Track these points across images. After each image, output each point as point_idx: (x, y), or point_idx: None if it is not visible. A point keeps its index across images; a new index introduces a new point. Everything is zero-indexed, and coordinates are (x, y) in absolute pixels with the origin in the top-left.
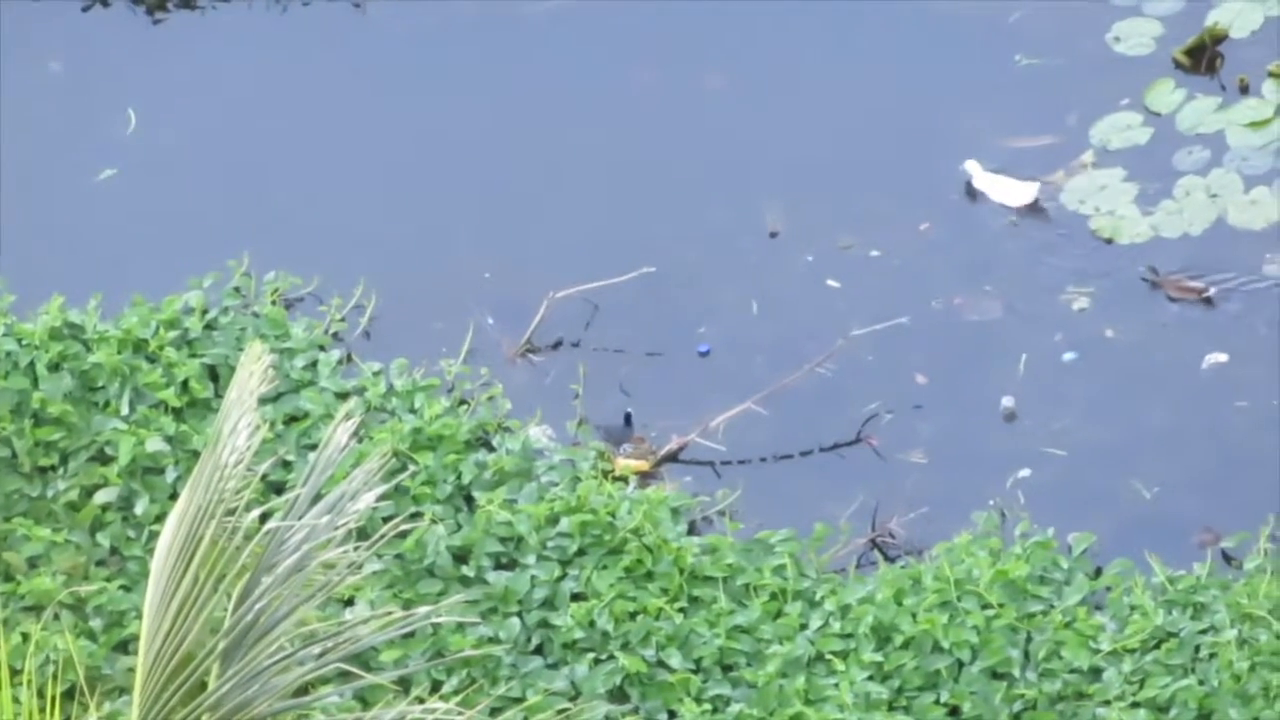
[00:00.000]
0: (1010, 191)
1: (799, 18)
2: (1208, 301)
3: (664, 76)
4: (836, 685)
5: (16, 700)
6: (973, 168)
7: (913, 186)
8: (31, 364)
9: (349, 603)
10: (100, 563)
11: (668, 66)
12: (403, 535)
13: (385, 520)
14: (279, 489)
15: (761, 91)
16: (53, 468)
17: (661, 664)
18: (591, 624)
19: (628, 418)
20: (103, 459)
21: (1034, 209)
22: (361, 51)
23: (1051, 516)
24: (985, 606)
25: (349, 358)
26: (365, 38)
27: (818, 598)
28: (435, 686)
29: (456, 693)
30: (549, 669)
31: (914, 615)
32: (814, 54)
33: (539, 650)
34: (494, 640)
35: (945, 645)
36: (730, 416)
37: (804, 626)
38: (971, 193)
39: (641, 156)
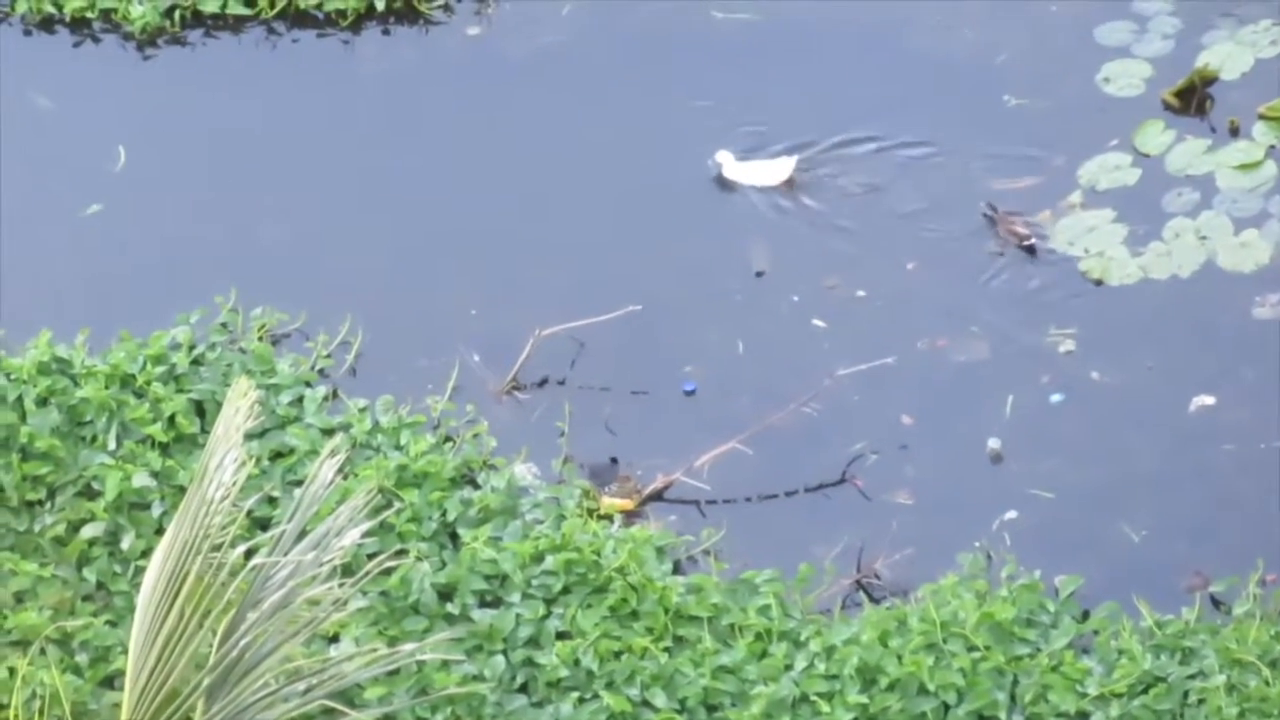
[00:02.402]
0: (764, 173)
1: (782, 58)
2: (1029, 250)
3: (650, 116)
4: None
5: None
6: (724, 158)
7: (897, 226)
8: (19, 399)
9: (334, 639)
10: (86, 598)
11: (653, 106)
12: (388, 572)
13: (370, 557)
14: (264, 525)
15: (746, 130)
16: (40, 502)
17: (646, 703)
18: (576, 662)
19: (613, 461)
20: (89, 494)
21: (790, 185)
22: (349, 89)
23: (1038, 559)
24: (971, 649)
25: (335, 394)
26: (353, 75)
27: (803, 638)
28: None
29: None
30: (534, 707)
31: (899, 657)
32: (796, 94)
33: (524, 688)
34: (479, 678)
35: (931, 688)
36: (715, 456)
37: (789, 667)
38: (724, 183)
39: (628, 195)
